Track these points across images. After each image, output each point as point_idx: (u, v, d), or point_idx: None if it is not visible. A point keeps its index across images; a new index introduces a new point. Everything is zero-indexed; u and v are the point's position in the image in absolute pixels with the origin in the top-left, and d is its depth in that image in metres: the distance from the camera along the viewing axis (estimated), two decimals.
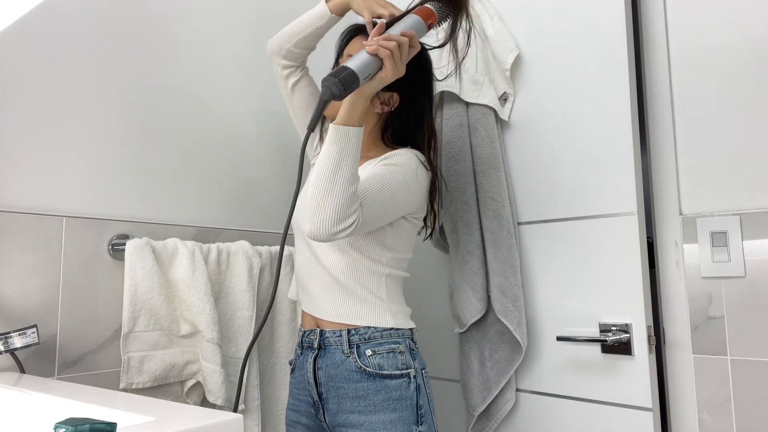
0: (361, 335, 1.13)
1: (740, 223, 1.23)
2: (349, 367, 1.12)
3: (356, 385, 1.11)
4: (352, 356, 1.12)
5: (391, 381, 1.11)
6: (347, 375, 1.12)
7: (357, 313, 1.14)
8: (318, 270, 1.17)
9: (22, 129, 1.17)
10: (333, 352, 1.14)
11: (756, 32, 1.24)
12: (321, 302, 1.16)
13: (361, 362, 1.11)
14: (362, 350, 1.12)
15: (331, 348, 1.14)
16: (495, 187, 1.44)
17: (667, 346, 1.32)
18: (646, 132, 1.38)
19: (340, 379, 1.12)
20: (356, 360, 1.11)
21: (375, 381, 1.11)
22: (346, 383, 1.12)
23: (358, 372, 1.11)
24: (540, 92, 1.47)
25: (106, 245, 1.25)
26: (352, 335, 1.13)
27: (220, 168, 1.50)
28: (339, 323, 1.14)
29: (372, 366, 1.11)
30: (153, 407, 0.77)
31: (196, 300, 1.24)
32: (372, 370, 1.11)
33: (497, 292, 1.41)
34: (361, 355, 1.12)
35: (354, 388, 1.11)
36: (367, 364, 1.11)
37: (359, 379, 1.11)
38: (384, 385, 1.10)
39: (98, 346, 1.21)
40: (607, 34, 1.36)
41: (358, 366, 1.11)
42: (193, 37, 1.47)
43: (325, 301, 1.16)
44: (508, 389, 1.44)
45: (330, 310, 1.15)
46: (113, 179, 1.29)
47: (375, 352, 1.12)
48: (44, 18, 1.21)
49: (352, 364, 1.12)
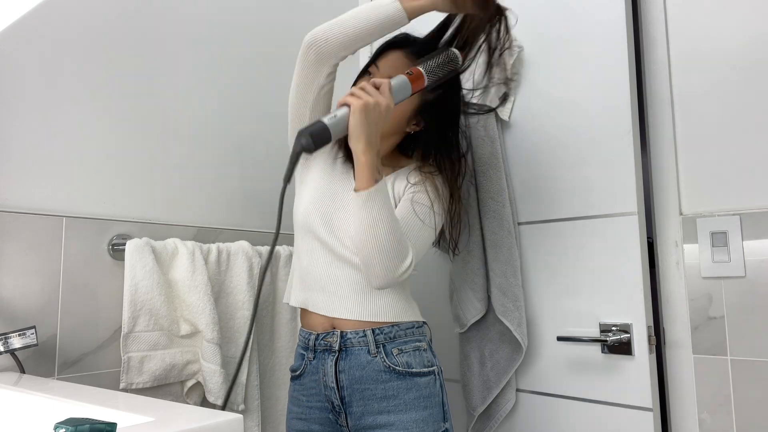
0: (386, 334, 1.11)
1: (740, 223, 1.23)
2: (377, 368, 1.10)
3: (385, 385, 1.09)
4: (380, 356, 1.10)
5: (420, 379, 1.10)
6: (375, 375, 1.10)
7: (382, 309, 1.12)
8: (341, 269, 1.13)
9: (22, 129, 1.17)
10: (357, 353, 1.11)
11: (756, 32, 1.24)
12: (344, 302, 1.12)
13: (390, 361, 1.10)
14: (389, 349, 1.11)
15: (354, 349, 1.11)
16: (495, 187, 1.43)
17: (667, 346, 1.32)
18: (646, 132, 1.38)
19: (367, 381, 1.10)
20: (384, 359, 1.10)
21: (405, 379, 1.10)
22: (374, 384, 1.10)
23: (387, 371, 1.10)
24: (540, 92, 1.47)
25: (106, 245, 1.25)
26: (377, 335, 1.11)
27: (220, 168, 1.50)
28: (361, 321, 1.11)
29: (401, 364, 1.10)
30: (153, 407, 0.77)
31: (196, 300, 1.24)
32: (402, 369, 1.10)
33: (497, 292, 1.41)
34: (389, 354, 1.10)
35: (383, 388, 1.09)
36: (396, 363, 1.10)
37: (388, 379, 1.09)
38: (414, 383, 1.10)
39: (98, 346, 1.21)
40: (607, 34, 1.36)
41: (387, 365, 1.10)
42: (194, 37, 1.47)
43: (347, 299, 1.12)
44: (509, 389, 1.44)
45: (354, 309, 1.12)
46: (113, 179, 1.29)
47: (402, 351, 1.11)
48: (44, 18, 1.21)
49: (380, 363, 1.10)
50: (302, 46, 1.14)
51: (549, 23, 1.46)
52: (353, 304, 1.12)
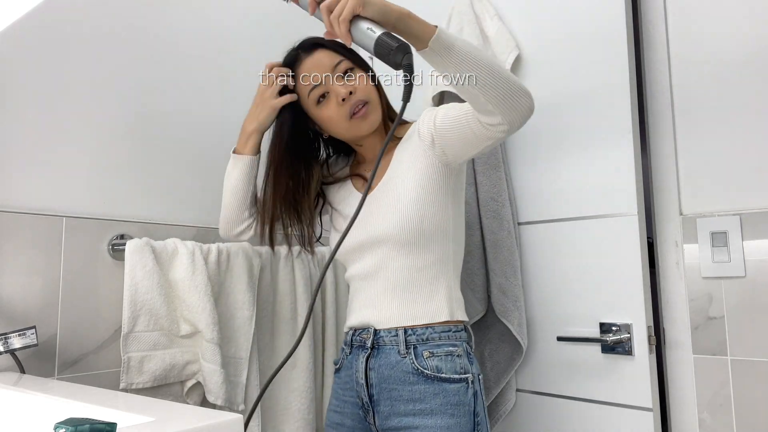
0: (419, 335, 1.09)
1: (740, 223, 1.23)
2: (405, 369, 1.08)
3: (412, 387, 1.07)
4: (409, 357, 1.08)
5: (449, 385, 1.06)
6: (402, 377, 1.08)
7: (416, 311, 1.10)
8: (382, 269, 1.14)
9: (22, 129, 1.17)
10: (387, 352, 1.10)
11: (756, 32, 1.24)
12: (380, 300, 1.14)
13: (419, 364, 1.07)
14: (420, 351, 1.08)
15: (386, 348, 1.11)
16: (495, 187, 1.43)
17: (667, 346, 1.32)
18: (646, 132, 1.38)
19: (395, 381, 1.08)
20: (413, 361, 1.07)
21: (433, 384, 1.06)
22: (401, 385, 1.08)
23: (415, 374, 1.07)
24: (540, 92, 1.47)
25: (106, 245, 1.25)
26: (408, 335, 1.09)
27: (221, 168, 1.49)
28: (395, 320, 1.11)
29: (430, 368, 1.07)
30: (153, 407, 0.77)
31: (196, 300, 1.24)
32: (430, 373, 1.06)
33: (497, 292, 1.41)
34: (419, 356, 1.08)
35: (410, 390, 1.07)
36: (424, 366, 1.07)
37: (416, 381, 1.07)
38: (442, 389, 1.06)
39: (98, 346, 1.21)
40: (607, 34, 1.36)
41: (415, 367, 1.07)
42: (194, 37, 1.47)
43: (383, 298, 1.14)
44: (508, 389, 1.44)
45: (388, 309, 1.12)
46: (113, 179, 1.29)
47: (433, 354, 1.08)
48: (44, 18, 1.21)
49: (409, 365, 1.08)
50: None
51: (549, 23, 1.46)
52: (388, 303, 1.12)
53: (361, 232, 1.16)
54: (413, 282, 1.12)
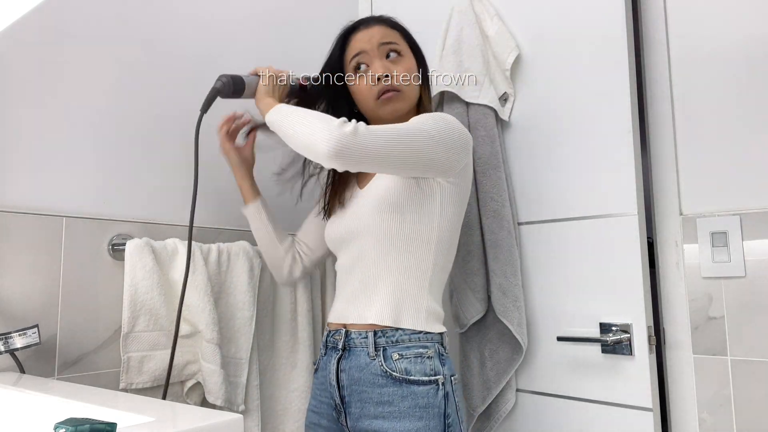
0: (389, 337, 1.09)
1: (740, 223, 1.23)
2: (374, 371, 1.08)
3: (381, 390, 1.07)
4: (378, 359, 1.08)
5: (418, 387, 1.06)
6: (372, 379, 1.08)
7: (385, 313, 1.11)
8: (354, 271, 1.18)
9: (22, 129, 1.17)
10: (358, 354, 1.11)
11: (756, 32, 1.24)
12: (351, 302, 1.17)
13: (387, 366, 1.07)
14: (389, 353, 1.08)
15: (357, 350, 1.11)
16: (495, 187, 1.43)
17: (667, 346, 1.32)
18: (646, 132, 1.38)
19: (364, 383, 1.09)
20: (382, 363, 1.08)
21: (401, 386, 1.06)
22: (371, 387, 1.08)
23: (384, 376, 1.07)
24: (540, 92, 1.47)
25: (106, 245, 1.25)
26: (378, 337, 1.09)
27: (221, 168, 1.49)
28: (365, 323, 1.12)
29: (398, 370, 1.07)
30: (153, 407, 0.77)
31: (195, 300, 1.24)
32: (398, 375, 1.06)
33: (497, 292, 1.41)
34: (388, 358, 1.08)
35: (379, 393, 1.07)
36: (393, 368, 1.07)
37: (384, 384, 1.07)
38: (411, 392, 1.06)
39: (98, 346, 1.21)
40: (607, 34, 1.36)
41: (384, 370, 1.07)
42: (193, 37, 1.47)
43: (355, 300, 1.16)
44: (508, 389, 1.44)
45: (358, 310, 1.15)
46: (113, 179, 1.29)
47: (402, 356, 1.08)
48: (44, 18, 1.21)
49: (378, 367, 1.08)
50: None
51: (549, 23, 1.46)
52: (360, 298, 1.13)
53: (350, 222, 1.19)
54: (385, 281, 1.12)
